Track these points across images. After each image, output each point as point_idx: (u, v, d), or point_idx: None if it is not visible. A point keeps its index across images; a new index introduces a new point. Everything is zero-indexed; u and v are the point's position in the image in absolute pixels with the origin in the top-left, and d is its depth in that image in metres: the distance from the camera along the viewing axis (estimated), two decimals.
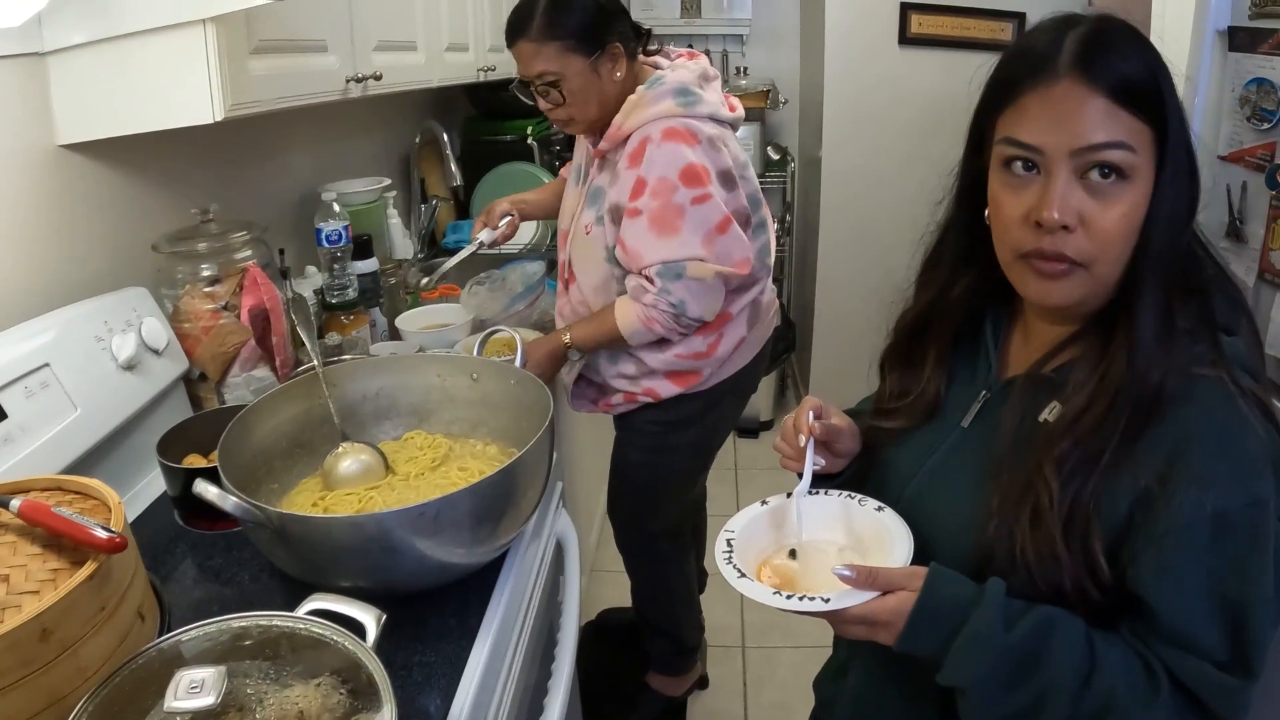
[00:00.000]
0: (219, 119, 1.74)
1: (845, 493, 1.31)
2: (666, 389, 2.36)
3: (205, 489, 1.25)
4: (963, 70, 3.81)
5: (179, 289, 2.01)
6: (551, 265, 2.89)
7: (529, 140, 3.86)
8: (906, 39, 4.33)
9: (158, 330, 1.88)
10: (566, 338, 2.25)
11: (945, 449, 1.29)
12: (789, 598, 1.11)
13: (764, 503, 1.33)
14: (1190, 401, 1.06)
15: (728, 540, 1.24)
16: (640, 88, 2.18)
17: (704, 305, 2.16)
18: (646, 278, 2.14)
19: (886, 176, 4.42)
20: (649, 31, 2.31)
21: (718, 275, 2.14)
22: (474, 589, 1.46)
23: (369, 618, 1.11)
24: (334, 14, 2.21)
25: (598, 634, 3.12)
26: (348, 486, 1.59)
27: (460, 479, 1.60)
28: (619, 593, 3.37)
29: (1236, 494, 1.02)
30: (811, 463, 1.31)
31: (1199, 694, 1.04)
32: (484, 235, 2.51)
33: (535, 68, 2.15)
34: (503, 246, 2.77)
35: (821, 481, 1.35)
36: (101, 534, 1.10)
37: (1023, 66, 1.09)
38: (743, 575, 1.17)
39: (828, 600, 1.09)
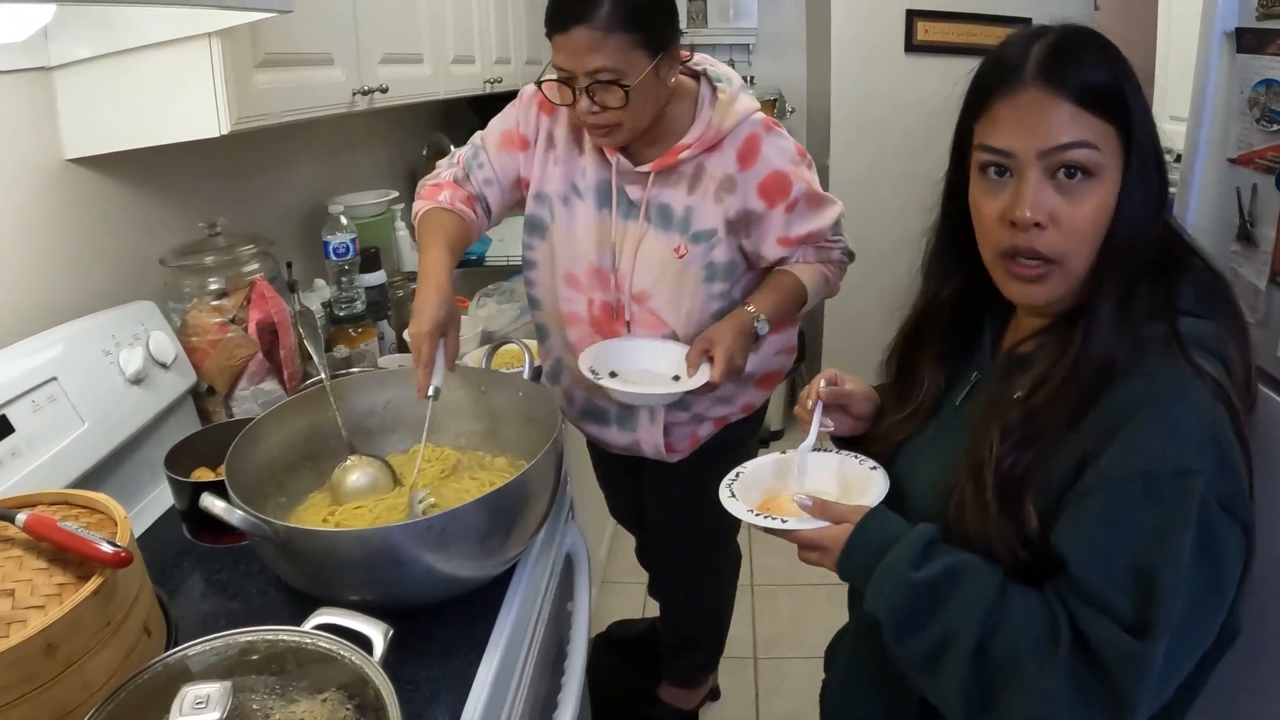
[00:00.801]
0: (225, 132, 1.74)
1: (847, 452, 1.46)
2: (759, 396, 2.26)
3: (212, 503, 1.25)
4: (969, 76, 3.80)
5: (186, 303, 2.01)
6: None
7: None
8: (913, 46, 4.32)
9: (165, 344, 1.88)
10: (750, 308, 1.97)
11: (939, 422, 1.40)
12: (756, 515, 1.30)
13: (782, 453, 1.50)
14: (1138, 376, 1.11)
15: (737, 473, 1.44)
16: (720, 94, 1.96)
17: None
18: (828, 240, 2.08)
19: (894, 183, 4.40)
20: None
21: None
22: (482, 602, 1.46)
23: (376, 633, 1.11)
24: (339, 27, 2.20)
25: (608, 646, 3.09)
26: (356, 500, 1.59)
27: (470, 491, 1.59)
28: (629, 604, 3.37)
29: (1166, 461, 1.05)
30: (818, 423, 1.46)
31: (1102, 655, 1.05)
32: (437, 379, 1.63)
33: (593, 61, 1.76)
34: (511, 258, 2.71)
35: (844, 444, 1.52)
36: (107, 549, 1.09)
37: (993, 76, 1.18)
38: (732, 496, 1.36)
39: (785, 522, 1.28)
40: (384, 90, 2.34)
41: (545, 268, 2.14)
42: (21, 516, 1.15)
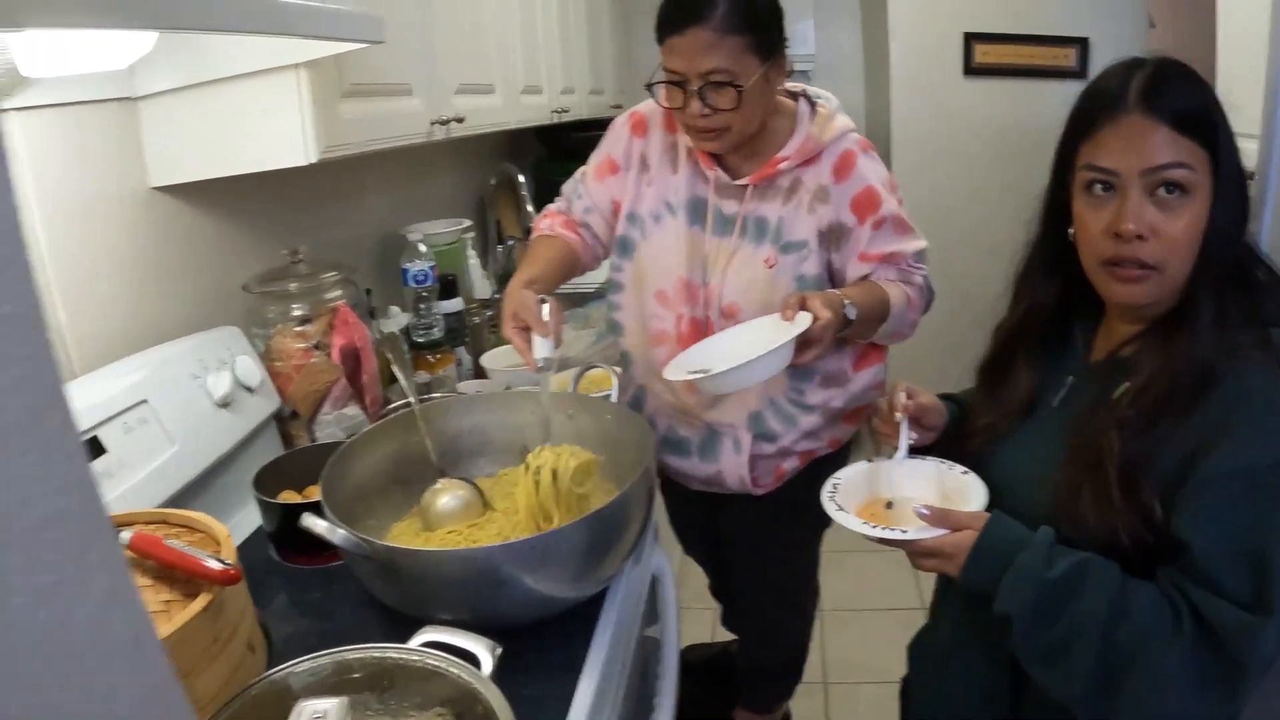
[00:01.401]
0: (312, 161, 1.77)
1: (939, 459, 1.52)
2: (845, 432, 2.21)
3: (314, 523, 1.27)
4: (1028, 98, 3.83)
5: (270, 328, 2.04)
6: None
7: None
8: (971, 69, 4.31)
9: (251, 368, 1.91)
10: (841, 295, 1.82)
11: (1034, 424, 1.46)
12: (874, 527, 1.35)
13: (869, 460, 1.56)
14: (1236, 378, 1.21)
15: (834, 484, 1.50)
16: (820, 109, 1.99)
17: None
18: (910, 264, 1.98)
19: (957, 207, 4.40)
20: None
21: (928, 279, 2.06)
22: (573, 623, 1.46)
23: (483, 650, 1.11)
24: (418, 57, 2.24)
25: (683, 670, 3.06)
26: (447, 523, 1.60)
27: (563, 516, 1.58)
28: (698, 629, 3.36)
29: (1265, 454, 1.17)
30: (906, 437, 1.53)
31: (1220, 633, 1.16)
32: (543, 350, 1.67)
33: (708, 62, 1.78)
34: (578, 283, 2.69)
35: (915, 452, 1.56)
36: (215, 565, 1.11)
37: (1097, 104, 1.30)
38: (841, 509, 1.42)
39: (905, 532, 1.33)
40: (460, 120, 2.37)
41: (632, 288, 2.14)
42: (126, 534, 1.17)
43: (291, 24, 1.30)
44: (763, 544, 2.35)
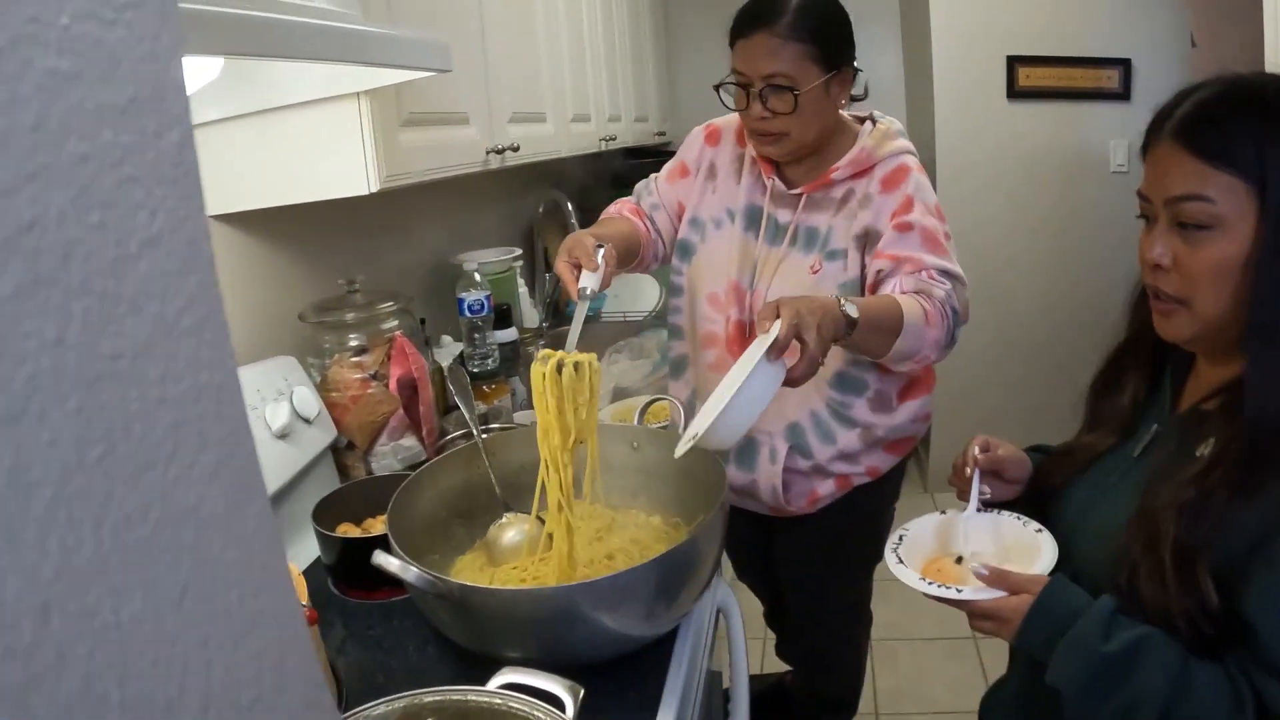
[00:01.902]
0: (374, 190, 1.76)
1: (1013, 513, 1.47)
2: (885, 461, 2.15)
3: (387, 561, 1.24)
4: (1072, 121, 3.80)
5: (326, 358, 2.03)
6: None
7: None
8: (1015, 92, 4.30)
9: (308, 399, 1.90)
10: (840, 298, 1.64)
11: (1115, 476, 1.38)
12: (930, 584, 1.32)
13: (942, 513, 1.53)
14: None
15: (900, 535, 1.48)
16: (879, 125, 2.03)
17: (961, 329, 1.89)
18: (930, 276, 1.84)
19: (1003, 232, 4.37)
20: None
21: (967, 307, 1.92)
22: (646, 660, 1.43)
23: (565, 692, 1.09)
24: (473, 86, 2.23)
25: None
26: (512, 559, 1.57)
27: (630, 551, 1.57)
28: (751, 660, 3.31)
29: None
30: (977, 491, 1.49)
31: None
32: (588, 281, 1.70)
33: (770, 66, 1.86)
34: (628, 314, 2.69)
35: (996, 506, 1.53)
36: None
37: (1149, 128, 1.26)
38: (900, 562, 1.39)
39: (960, 591, 1.29)
40: (515, 149, 2.37)
41: (689, 292, 2.18)
42: None
43: (368, 52, 1.28)
44: (813, 573, 2.34)
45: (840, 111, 2.02)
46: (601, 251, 1.74)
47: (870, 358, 1.89)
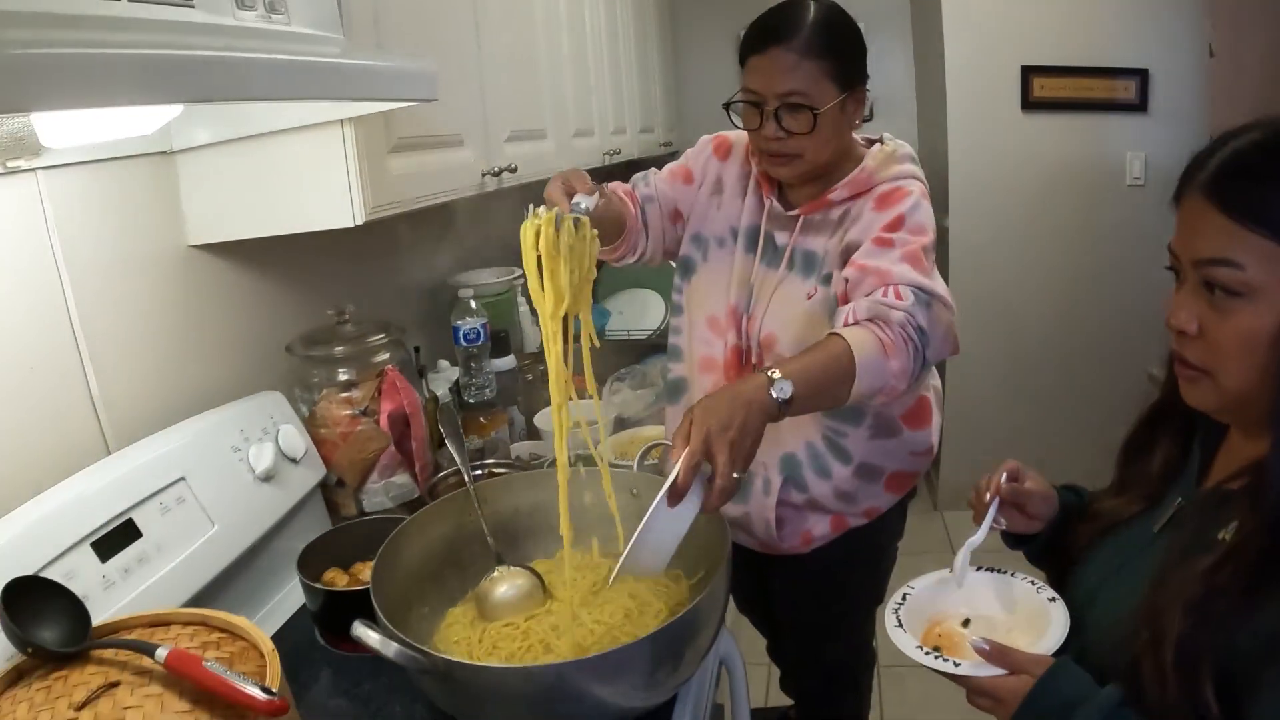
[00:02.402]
0: (359, 222, 1.68)
1: (1027, 577, 1.40)
2: (885, 500, 2.05)
3: (366, 634, 1.16)
4: (1088, 133, 3.75)
5: (315, 393, 1.96)
6: None
7: None
8: (1029, 103, 4.23)
9: (295, 438, 1.82)
10: (773, 373, 1.45)
11: (1134, 550, 1.28)
12: (927, 654, 1.24)
13: (950, 570, 1.43)
14: None
15: (904, 593, 1.39)
16: (885, 146, 1.91)
17: (937, 352, 1.71)
18: (895, 294, 1.66)
19: (1015, 245, 4.31)
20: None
21: (951, 330, 1.75)
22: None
23: None
24: (468, 105, 2.15)
25: None
26: (504, 615, 1.49)
27: (628, 607, 1.47)
28: (753, 689, 3.24)
29: None
30: (990, 520, 1.42)
31: None
32: (584, 201, 1.52)
33: (786, 83, 1.77)
34: (633, 332, 2.58)
35: (1017, 542, 1.50)
36: (259, 695, 1.00)
37: (1181, 177, 1.13)
38: (899, 625, 1.32)
39: (958, 665, 1.21)
40: (513, 170, 2.29)
41: (688, 313, 2.10)
42: (162, 651, 1.07)
43: (344, 87, 1.21)
44: (811, 615, 2.26)
45: (851, 134, 1.92)
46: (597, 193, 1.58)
47: (829, 409, 1.81)
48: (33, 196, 1.48)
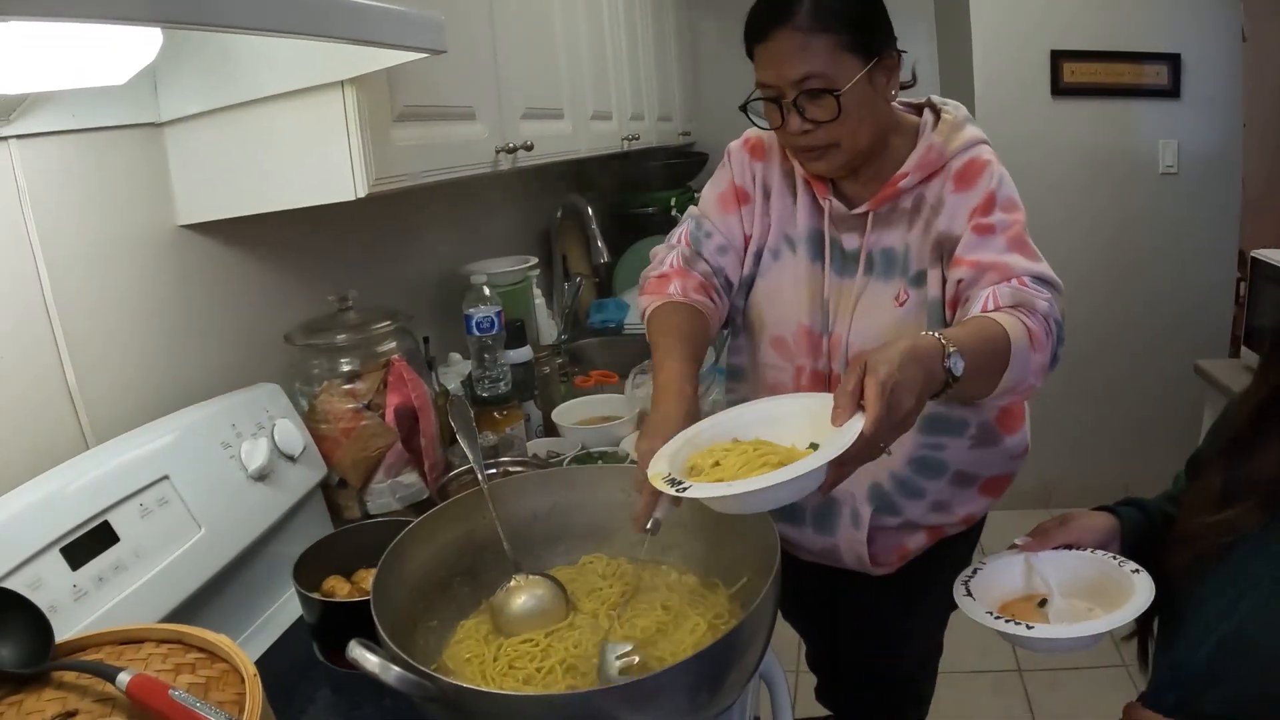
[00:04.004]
0: (361, 195, 1.56)
1: (1106, 553, 1.39)
2: (981, 505, 1.87)
3: (364, 657, 1.02)
4: (1119, 120, 3.67)
5: (315, 385, 1.84)
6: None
7: (672, 212, 3.66)
8: (1059, 89, 4.15)
9: (292, 433, 1.71)
10: (939, 335, 1.29)
11: (1243, 567, 1.20)
12: (996, 619, 1.28)
13: (1020, 546, 1.46)
14: None
15: (974, 569, 1.43)
16: (945, 114, 1.73)
17: (1063, 347, 1.55)
18: (1021, 284, 1.52)
19: (1045, 234, 4.09)
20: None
21: (1063, 318, 1.56)
22: None
23: None
24: (481, 77, 2.04)
25: None
26: (522, 629, 1.36)
27: (661, 620, 1.35)
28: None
29: None
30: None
31: None
32: (662, 513, 1.26)
33: (799, 68, 1.57)
34: None
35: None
36: None
37: None
38: (968, 594, 1.35)
39: (1031, 629, 1.24)
40: (529, 148, 2.17)
41: (749, 333, 1.90)
42: (124, 677, 0.93)
43: (336, 25, 1.06)
44: (885, 626, 2.07)
45: (892, 105, 1.72)
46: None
47: (965, 403, 1.65)
48: (4, 169, 1.37)
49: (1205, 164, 4.08)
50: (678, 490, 1.16)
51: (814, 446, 1.19)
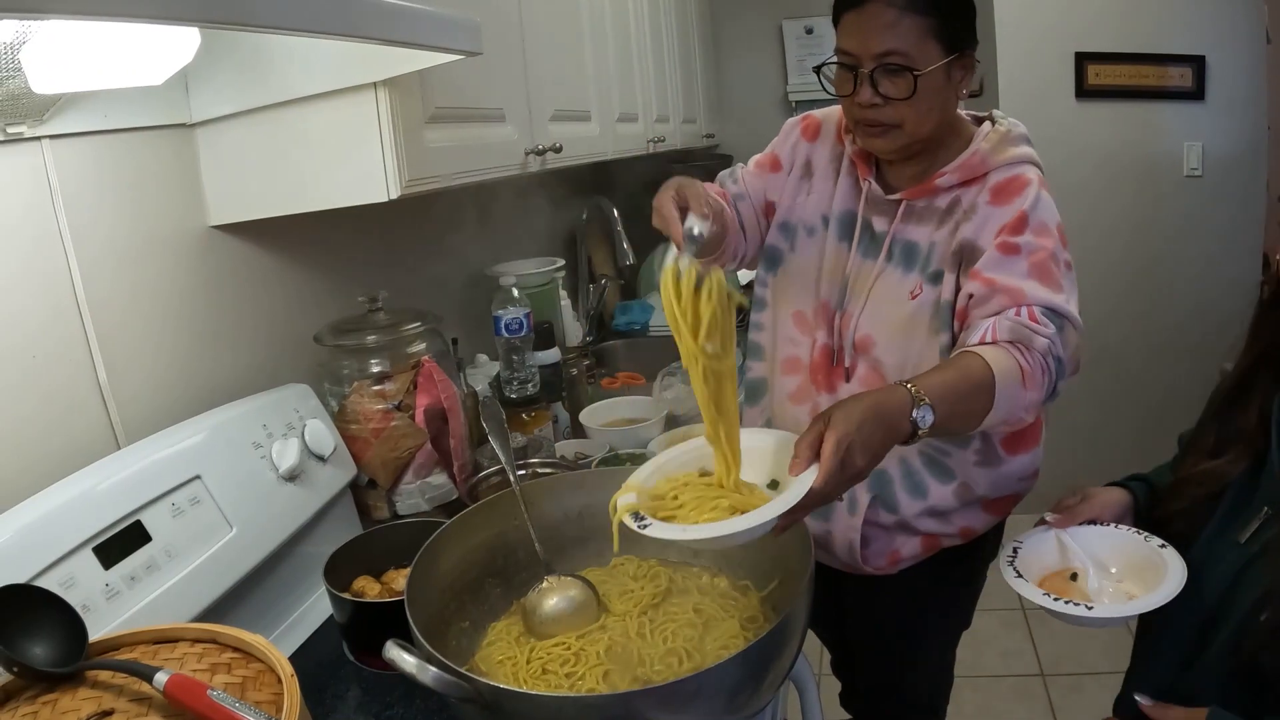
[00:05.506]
0: (394, 197, 1.56)
1: (1134, 529, 1.47)
2: (983, 521, 1.84)
3: (400, 658, 1.02)
4: (1143, 122, 3.65)
5: (345, 386, 1.83)
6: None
7: None
8: (1084, 91, 4.11)
9: (323, 434, 1.70)
10: (917, 391, 1.30)
11: (1217, 547, 1.31)
12: (1055, 600, 1.33)
13: (1048, 525, 1.55)
14: None
15: (1014, 547, 1.51)
16: (998, 126, 1.72)
17: (1066, 379, 1.54)
18: (1030, 317, 1.49)
19: (1070, 238, 4.13)
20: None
21: (1076, 354, 1.56)
22: None
23: None
24: (510, 80, 2.03)
25: None
26: (555, 631, 1.36)
27: (693, 622, 1.34)
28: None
29: None
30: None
31: None
32: (697, 224, 1.34)
33: (885, 42, 1.55)
34: None
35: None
36: None
37: None
38: (1019, 576, 1.42)
39: (1091, 608, 1.30)
40: (558, 150, 2.16)
41: (772, 308, 1.91)
42: (162, 676, 0.93)
43: (372, 25, 1.06)
44: (889, 640, 2.05)
45: (958, 108, 1.72)
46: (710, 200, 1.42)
47: (946, 437, 1.65)
48: (38, 168, 1.37)
49: (1229, 167, 4.03)
50: (640, 527, 1.21)
51: (774, 484, 1.29)
